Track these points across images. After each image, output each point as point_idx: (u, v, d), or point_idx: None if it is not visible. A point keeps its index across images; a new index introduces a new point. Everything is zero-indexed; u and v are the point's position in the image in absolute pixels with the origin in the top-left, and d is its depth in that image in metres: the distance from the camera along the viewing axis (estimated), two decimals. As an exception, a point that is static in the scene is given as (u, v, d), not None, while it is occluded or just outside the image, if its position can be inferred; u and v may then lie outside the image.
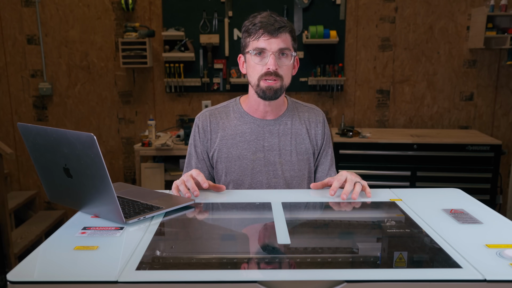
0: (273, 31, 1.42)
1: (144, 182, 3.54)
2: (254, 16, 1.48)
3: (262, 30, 1.43)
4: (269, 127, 1.56)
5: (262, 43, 1.43)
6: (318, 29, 3.63)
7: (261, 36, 1.43)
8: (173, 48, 3.74)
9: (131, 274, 0.82)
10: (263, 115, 1.56)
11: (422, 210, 1.17)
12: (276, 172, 1.55)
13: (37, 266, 0.89)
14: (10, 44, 3.78)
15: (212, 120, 1.58)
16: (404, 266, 0.89)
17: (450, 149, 3.35)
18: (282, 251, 0.96)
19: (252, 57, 1.46)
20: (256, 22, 1.45)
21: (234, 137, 1.56)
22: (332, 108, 3.91)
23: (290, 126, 1.57)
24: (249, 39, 1.47)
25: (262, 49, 1.44)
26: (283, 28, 1.44)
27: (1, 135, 3.89)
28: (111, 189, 1.02)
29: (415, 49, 3.79)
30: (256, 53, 1.45)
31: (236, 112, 1.59)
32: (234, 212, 1.29)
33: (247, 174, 1.54)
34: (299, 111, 1.61)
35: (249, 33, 1.47)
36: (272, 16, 1.45)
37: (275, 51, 1.43)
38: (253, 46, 1.45)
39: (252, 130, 1.56)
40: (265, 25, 1.43)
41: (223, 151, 1.56)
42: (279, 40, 1.43)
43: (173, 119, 3.96)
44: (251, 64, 1.48)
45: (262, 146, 1.55)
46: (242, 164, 1.54)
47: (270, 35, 1.43)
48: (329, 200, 1.35)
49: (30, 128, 1.09)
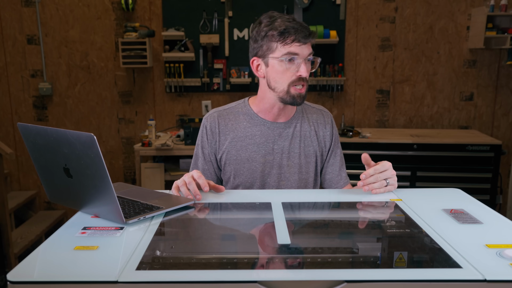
0: (304, 38, 1.40)
1: (144, 182, 3.54)
2: (271, 20, 1.44)
3: (293, 37, 1.40)
4: (279, 130, 1.54)
5: (295, 49, 1.40)
6: (318, 29, 3.63)
7: (292, 42, 1.40)
8: (173, 48, 3.74)
9: (131, 274, 0.82)
10: (275, 118, 1.54)
11: (422, 210, 1.17)
12: (285, 175, 1.54)
13: (37, 266, 0.89)
14: (10, 44, 3.79)
15: (221, 122, 1.56)
16: (404, 266, 0.89)
17: (450, 149, 3.35)
18: (282, 251, 0.96)
19: (283, 63, 1.42)
20: (285, 28, 1.40)
21: (244, 139, 1.53)
22: (332, 108, 3.91)
23: (300, 128, 1.56)
24: (276, 44, 1.42)
25: (294, 55, 1.41)
26: (312, 34, 1.43)
27: (1, 135, 3.89)
28: (111, 189, 1.01)
29: (415, 49, 3.79)
30: (288, 59, 1.41)
31: (246, 114, 1.56)
32: (234, 212, 1.29)
33: (257, 177, 1.53)
34: (307, 113, 1.60)
35: (276, 38, 1.41)
36: (296, 20, 1.43)
37: (305, 57, 1.42)
38: (284, 52, 1.41)
39: (262, 132, 1.54)
40: (296, 31, 1.40)
41: (232, 153, 1.54)
42: (309, 46, 1.43)
43: (173, 119, 3.96)
44: (279, 70, 1.43)
45: (272, 149, 1.53)
46: (252, 166, 1.53)
47: (301, 42, 1.41)
48: (329, 200, 1.35)
49: (30, 128, 1.09)
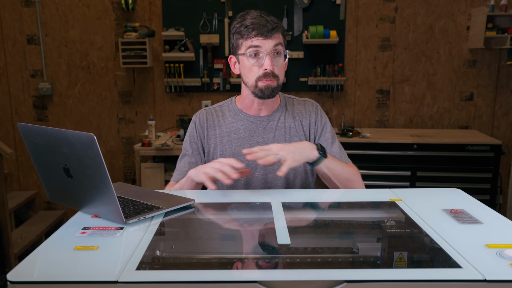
0: (266, 32, 1.42)
1: (144, 182, 3.54)
2: (242, 17, 1.47)
3: (255, 32, 1.42)
4: (263, 123, 1.57)
5: (257, 42, 1.43)
6: (318, 29, 3.63)
7: (254, 37, 1.43)
8: (173, 48, 3.74)
9: (131, 274, 0.82)
10: (257, 112, 1.58)
11: (422, 210, 1.17)
12: (273, 167, 1.54)
13: (37, 266, 0.89)
14: (10, 44, 3.78)
15: (209, 118, 1.61)
16: (404, 266, 0.89)
17: (450, 149, 3.35)
18: (282, 251, 0.96)
19: (248, 59, 1.46)
20: (247, 24, 1.43)
21: (229, 134, 1.57)
22: (332, 108, 3.91)
23: (283, 120, 1.58)
24: (241, 40, 1.46)
25: (257, 50, 1.44)
26: (276, 29, 1.44)
27: (1, 135, 3.89)
28: (111, 189, 1.01)
29: (415, 49, 3.79)
30: (251, 54, 1.45)
31: (231, 111, 1.61)
32: (234, 212, 1.29)
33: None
34: (292, 105, 1.62)
35: (241, 34, 1.45)
36: (263, 16, 1.44)
37: (270, 52, 1.44)
38: (247, 47, 1.45)
39: (246, 127, 1.57)
40: (258, 26, 1.42)
41: (218, 148, 1.57)
42: (273, 40, 1.44)
43: (173, 119, 3.96)
44: (247, 66, 1.47)
45: (256, 142, 1.56)
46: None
47: (264, 37, 1.42)
48: (329, 200, 1.35)
49: (30, 128, 1.09)
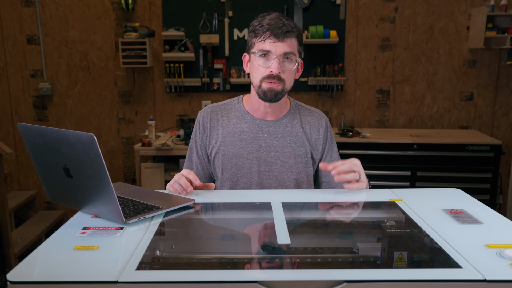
0: (279, 34, 1.41)
1: (144, 182, 3.54)
2: (262, 17, 1.46)
3: (269, 33, 1.42)
4: (268, 128, 1.56)
5: (268, 45, 1.42)
6: (318, 29, 3.63)
7: (267, 38, 1.42)
8: (173, 48, 3.74)
9: (131, 274, 0.82)
10: (263, 115, 1.56)
11: (422, 210, 1.17)
12: (272, 173, 1.54)
13: (37, 266, 0.89)
14: (10, 44, 3.78)
15: (213, 117, 1.59)
16: (404, 266, 0.89)
17: (450, 149, 3.35)
18: (282, 251, 0.96)
19: (257, 58, 1.45)
20: (263, 24, 1.43)
21: (233, 135, 1.56)
22: (332, 108, 3.91)
23: (290, 128, 1.56)
24: (255, 39, 1.46)
25: (267, 52, 1.43)
26: (290, 32, 1.42)
27: (1, 135, 3.89)
28: (111, 189, 1.02)
29: (415, 49, 3.79)
30: (261, 54, 1.44)
31: (237, 111, 1.59)
32: (234, 212, 1.29)
33: (243, 173, 1.54)
34: (301, 114, 1.60)
35: (256, 33, 1.45)
36: (281, 19, 1.44)
37: (279, 55, 1.42)
38: (258, 48, 1.44)
39: (250, 129, 1.56)
40: (273, 27, 1.41)
41: (220, 148, 1.56)
42: (285, 44, 1.42)
43: (173, 119, 3.96)
44: (255, 65, 1.47)
45: (259, 146, 1.54)
46: (238, 162, 1.54)
47: (276, 38, 1.41)
48: (329, 200, 1.35)
49: (30, 128, 1.09)
